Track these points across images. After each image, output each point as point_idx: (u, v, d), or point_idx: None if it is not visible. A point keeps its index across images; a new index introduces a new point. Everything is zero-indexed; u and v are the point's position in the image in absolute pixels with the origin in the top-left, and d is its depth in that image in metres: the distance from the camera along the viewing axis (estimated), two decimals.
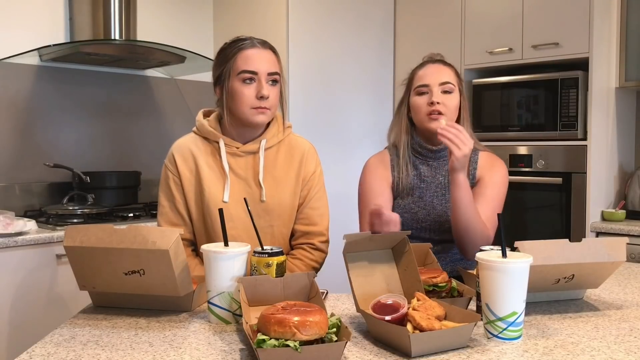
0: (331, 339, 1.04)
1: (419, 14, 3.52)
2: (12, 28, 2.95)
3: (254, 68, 1.58)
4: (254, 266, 1.34)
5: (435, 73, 1.76)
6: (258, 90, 1.58)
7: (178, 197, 1.67)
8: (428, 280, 1.36)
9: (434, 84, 1.74)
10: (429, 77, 1.76)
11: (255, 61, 1.59)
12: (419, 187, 1.80)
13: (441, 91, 1.74)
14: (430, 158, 1.82)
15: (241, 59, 1.59)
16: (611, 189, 3.06)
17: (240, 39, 1.63)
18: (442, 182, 1.80)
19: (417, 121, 1.79)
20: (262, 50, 1.61)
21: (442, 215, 1.78)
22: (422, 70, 1.80)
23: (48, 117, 3.10)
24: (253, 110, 1.60)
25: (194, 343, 1.16)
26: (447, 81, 1.74)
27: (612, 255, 1.35)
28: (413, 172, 1.81)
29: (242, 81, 1.59)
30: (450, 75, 1.77)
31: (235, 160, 1.66)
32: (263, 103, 1.59)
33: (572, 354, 1.09)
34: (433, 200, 1.79)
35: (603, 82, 2.92)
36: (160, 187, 1.71)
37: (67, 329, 1.25)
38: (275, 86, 1.62)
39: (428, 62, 1.81)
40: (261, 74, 1.59)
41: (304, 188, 1.70)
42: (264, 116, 1.62)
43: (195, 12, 3.66)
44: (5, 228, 2.36)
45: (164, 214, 1.68)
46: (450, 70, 1.79)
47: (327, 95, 3.35)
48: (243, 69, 1.58)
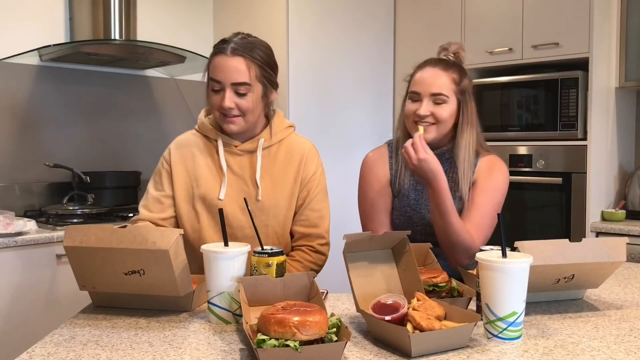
0: (331, 339, 1.04)
1: (419, 14, 3.52)
2: (12, 28, 2.95)
3: (218, 78, 1.58)
4: (254, 266, 1.34)
5: (430, 82, 1.69)
6: (221, 101, 1.58)
7: (167, 190, 1.68)
8: (428, 280, 1.36)
9: (425, 93, 1.69)
10: (422, 85, 1.70)
11: (220, 71, 1.57)
12: (415, 189, 1.77)
13: (432, 102, 1.69)
14: None
15: (211, 66, 1.60)
16: (611, 189, 3.06)
17: (223, 40, 1.61)
18: None
19: (407, 126, 1.76)
20: (229, 59, 1.56)
21: None
22: (420, 73, 1.73)
23: (48, 117, 3.10)
24: (221, 117, 1.61)
25: (194, 343, 1.16)
26: (440, 93, 1.67)
27: (612, 255, 1.35)
28: (409, 171, 1.77)
29: (212, 89, 1.60)
30: (445, 83, 1.69)
31: (233, 158, 1.67)
32: (229, 112, 1.59)
33: (572, 354, 1.09)
34: (429, 204, 1.75)
35: (603, 82, 2.92)
36: (153, 176, 1.73)
37: (67, 329, 1.25)
38: (243, 97, 1.58)
39: (427, 65, 1.74)
40: (225, 84, 1.57)
41: (304, 189, 1.69)
42: (234, 125, 1.61)
43: (195, 12, 3.66)
44: (5, 228, 2.36)
45: (146, 201, 1.70)
46: (447, 77, 1.70)
47: (327, 95, 3.35)
48: (211, 76, 1.59)
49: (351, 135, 3.46)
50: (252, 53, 1.59)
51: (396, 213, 1.78)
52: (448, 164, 1.77)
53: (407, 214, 1.77)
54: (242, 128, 1.63)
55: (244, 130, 1.64)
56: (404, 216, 1.77)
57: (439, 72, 1.71)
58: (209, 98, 1.63)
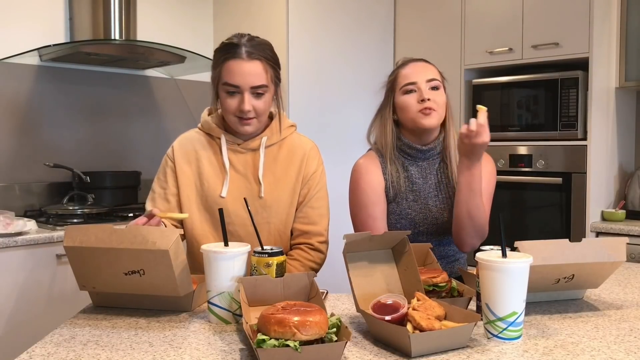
0: (331, 339, 1.04)
1: (419, 14, 3.52)
2: (12, 28, 2.95)
3: (237, 82, 1.57)
4: (254, 266, 1.34)
5: (421, 70, 1.73)
6: (239, 104, 1.58)
7: (171, 187, 1.68)
8: (428, 280, 1.36)
9: (422, 80, 1.70)
10: (416, 74, 1.72)
11: (238, 76, 1.57)
12: (411, 189, 1.76)
13: (429, 87, 1.70)
14: (420, 158, 1.76)
15: (225, 71, 1.58)
16: (611, 189, 3.06)
17: (231, 43, 1.59)
18: (435, 182, 1.76)
19: (408, 120, 1.72)
20: (247, 63, 1.57)
21: (439, 217, 1.75)
22: (407, 68, 1.75)
23: (48, 117, 3.10)
24: (237, 120, 1.61)
25: (194, 343, 1.16)
26: (434, 77, 1.71)
27: (612, 255, 1.35)
28: (404, 174, 1.76)
29: (226, 92, 1.59)
30: (435, 72, 1.74)
31: (236, 156, 1.67)
32: (246, 115, 1.59)
33: (572, 354, 1.09)
34: (428, 202, 1.75)
35: (603, 82, 2.92)
36: (157, 174, 1.73)
37: (67, 329, 1.25)
38: (260, 98, 1.60)
39: (411, 61, 1.77)
40: (244, 88, 1.57)
41: (304, 187, 1.69)
42: (249, 127, 1.62)
43: (195, 12, 3.66)
44: (5, 228, 2.36)
45: (152, 199, 1.70)
46: (434, 67, 1.75)
47: (327, 95, 3.35)
48: (226, 81, 1.58)
49: (351, 135, 3.46)
50: (266, 55, 1.60)
51: (395, 217, 1.76)
52: (439, 158, 1.78)
53: (409, 215, 1.75)
54: (257, 129, 1.65)
55: (257, 130, 1.66)
56: (405, 219, 1.75)
57: (425, 64, 1.77)
58: (221, 101, 1.62)
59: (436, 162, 1.77)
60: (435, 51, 3.38)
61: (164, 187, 1.69)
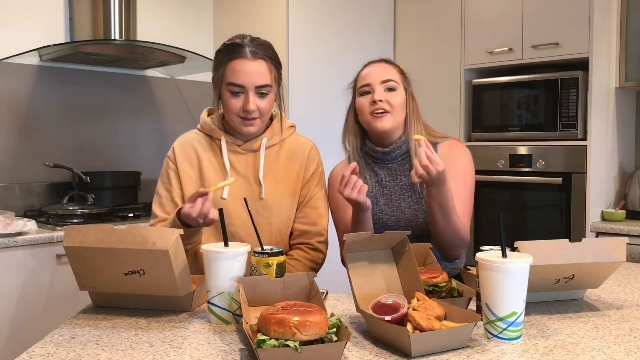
0: (331, 339, 1.04)
1: (419, 14, 3.52)
2: (12, 28, 2.95)
3: (241, 82, 1.57)
4: (253, 266, 1.34)
5: (378, 71, 1.72)
6: (244, 104, 1.58)
7: (176, 188, 1.67)
8: (428, 280, 1.36)
9: (376, 82, 1.70)
10: (371, 76, 1.72)
11: (243, 75, 1.57)
12: (382, 193, 1.74)
13: (384, 89, 1.69)
14: (387, 160, 1.74)
15: (230, 71, 1.58)
16: (611, 189, 3.06)
17: (234, 44, 1.60)
18: (406, 183, 1.73)
19: (363, 122, 1.73)
20: (251, 63, 1.57)
21: (413, 219, 1.71)
22: (365, 70, 1.76)
23: (48, 117, 3.10)
24: (240, 120, 1.61)
25: (194, 343, 1.16)
26: (390, 79, 1.70)
27: (612, 255, 1.35)
28: (373, 178, 1.75)
29: (230, 92, 1.59)
30: (393, 73, 1.72)
31: (237, 157, 1.67)
32: (250, 115, 1.59)
33: (572, 354, 1.09)
34: (401, 204, 1.72)
35: (603, 82, 2.92)
36: (160, 177, 1.72)
37: (67, 329, 1.25)
38: (264, 98, 1.60)
39: (370, 63, 1.78)
40: (248, 88, 1.57)
41: (304, 187, 1.70)
42: (253, 127, 1.62)
43: (195, 12, 3.66)
44: (5, 228, 2.36)
45: (159, 203, 1.69)
46: (393, 68, 1.74)
47: (327, 95, 3.35)
48: (230, 81, 1.58)
49: None
50: (269, 55, 1.61)
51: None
52: (403, 158, 1.75)
53: (382, 220, 1.73)
54: (259, 129, 1.65)
55: (259, 131, 1.66)
56: (378, 223, 1.72)
57: (384, 65, 1.76)
58: (225, 102, 1.62)
59: (406, 162, 1.74)
60: (435, 51, 3.38)
61: (169, 189, 1.69)
